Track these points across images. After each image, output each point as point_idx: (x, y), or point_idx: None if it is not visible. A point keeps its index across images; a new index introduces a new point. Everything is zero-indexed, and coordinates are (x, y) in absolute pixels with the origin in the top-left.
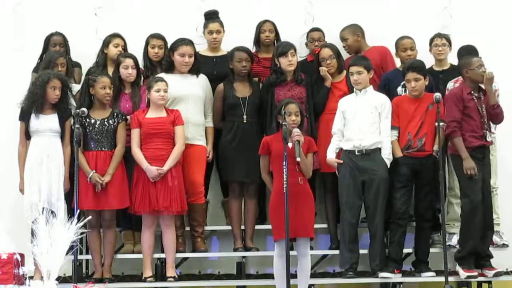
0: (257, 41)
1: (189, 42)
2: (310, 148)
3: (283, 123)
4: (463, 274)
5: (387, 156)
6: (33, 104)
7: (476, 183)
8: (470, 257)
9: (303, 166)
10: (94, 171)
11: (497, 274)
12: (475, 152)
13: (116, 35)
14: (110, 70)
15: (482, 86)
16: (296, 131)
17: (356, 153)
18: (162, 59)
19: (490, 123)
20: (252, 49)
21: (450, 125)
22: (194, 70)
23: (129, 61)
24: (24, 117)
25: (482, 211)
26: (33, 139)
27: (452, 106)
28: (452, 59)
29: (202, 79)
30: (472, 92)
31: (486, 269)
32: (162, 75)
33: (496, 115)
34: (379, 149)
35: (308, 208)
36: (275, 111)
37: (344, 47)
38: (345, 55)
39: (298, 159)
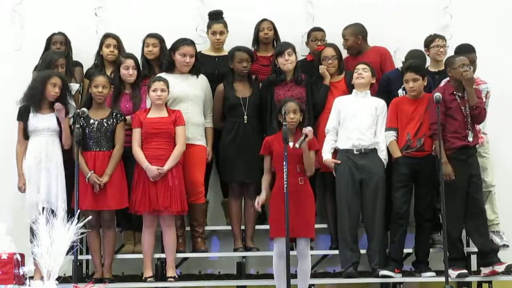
0: (256, 40)
1: (191, 43)
2: (312, 146)
3: (283, 123)
4: (453, 273)
5: (383, 157)
6: (32, 98)
7: (456, 192)
8: (460, 259)
9: (306, 162)
10: (92, 171)
11: (510, 267)
12: (458, 153)
13: (108, 35)
14: (108, 71)
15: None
16: (309, 129)
17: (355, 152)
18: (158, 57)
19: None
20: (251, 48)
21: (431, 127)
22: (195, 70)
23: (130, 62)
24: (23, 117)
25: (461, 219)
26: (32, 139)
27: (434, 108)
28: None
29: (202, 79)
30: (455, 92)
31: (497, 265)
32: (162, 75)
33: (475, 116)
34: (377, 149)
35: (309, 208)
36: (275, 111)
37: (343, 45)
38: (343, 52)
39: (296, 145)
